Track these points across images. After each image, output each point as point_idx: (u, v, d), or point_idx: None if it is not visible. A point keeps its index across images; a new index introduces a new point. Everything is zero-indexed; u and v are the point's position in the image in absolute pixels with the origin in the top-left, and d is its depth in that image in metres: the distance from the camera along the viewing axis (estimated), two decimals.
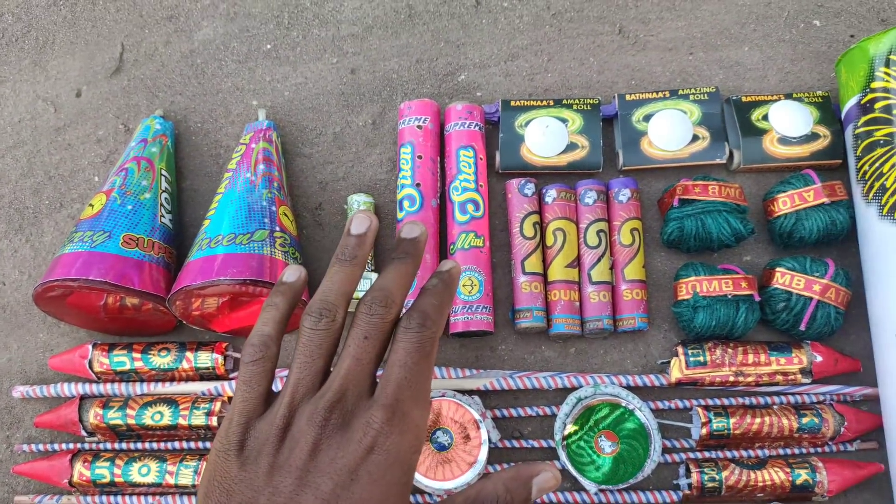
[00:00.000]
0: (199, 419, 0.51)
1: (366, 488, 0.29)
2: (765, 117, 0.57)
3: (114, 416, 0.51)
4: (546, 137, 0.56)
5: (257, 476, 0.29)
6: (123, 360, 0.52)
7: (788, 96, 0.57)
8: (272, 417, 0.31)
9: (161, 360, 0.52)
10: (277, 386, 0.50)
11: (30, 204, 0.59)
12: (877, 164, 0.51)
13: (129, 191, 0.52)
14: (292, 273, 0.35)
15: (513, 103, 0.58)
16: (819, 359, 0.52)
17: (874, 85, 0.52)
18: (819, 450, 0.52)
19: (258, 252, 0.49)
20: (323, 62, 0.61)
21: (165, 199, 0.54)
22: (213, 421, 0.51)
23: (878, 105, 0.52)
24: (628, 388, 0.53)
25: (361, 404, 0.31)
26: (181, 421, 0.51)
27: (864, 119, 0.52)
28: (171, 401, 0.52)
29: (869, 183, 0.52)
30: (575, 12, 0.62)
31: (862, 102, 0.53)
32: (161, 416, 0.51)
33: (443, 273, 0.34)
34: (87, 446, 0.53)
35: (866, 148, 0.52)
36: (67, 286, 0.48)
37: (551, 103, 0.58)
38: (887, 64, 0.51)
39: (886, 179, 0.50)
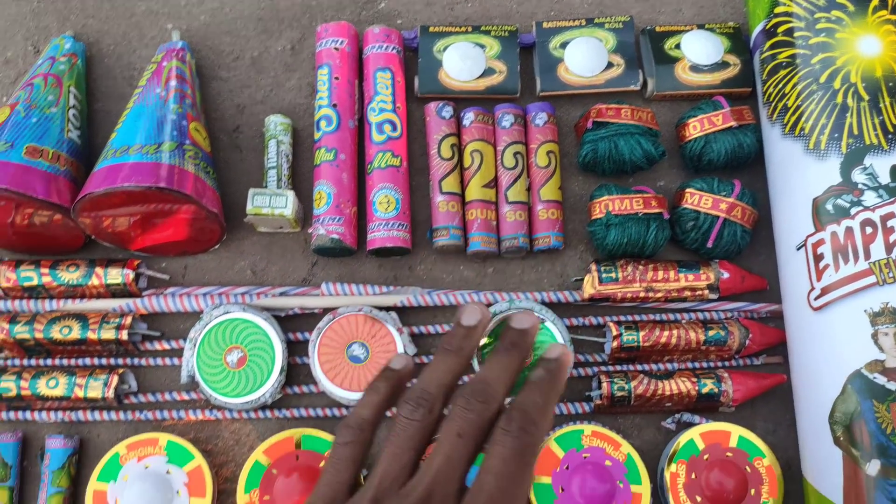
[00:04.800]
0: (108, 333, 0.50)
1: None
2: (677, 46, 0.58)
3: (20, 331, 0.50)
4: (464, 62, 0.57)
5: None
6: (31, 275, 0.51)
7: (701, 27, 0.59)
8: None
9: (69, 275, 0.51)
10: None
11: None
12: (780, 86, 0.53)
13: (34, 104, 0.51)
14: (399, 361, 0.34)
15: (431, 29, 0.58)
16: (726, 275, 0.54)
17: (778, 10, 0.54)
18: (727, 363, 0.54)
19: (167, 162, 0.48)
20: None
21: (73, 114, 0.52)
22: (124, 335, 0.50)
23: (780, 29, 0.53)
24: (543, 304, 0.54)
25: None
26: (90, 335, 0.50)
27: (769, 43, 0.54)
28: (80, 316, 0.50)
29: (773, 104, 0.53)
30: None
31: (767, 28, 0.54)
32: (70, 329, 0.50)
33: (550, 362, 0.32)
34: None
35: (771, 71, 0.54)
36: None
37: (469, 29, 0.58)
38: None
39: (788, 99, 0.52)
